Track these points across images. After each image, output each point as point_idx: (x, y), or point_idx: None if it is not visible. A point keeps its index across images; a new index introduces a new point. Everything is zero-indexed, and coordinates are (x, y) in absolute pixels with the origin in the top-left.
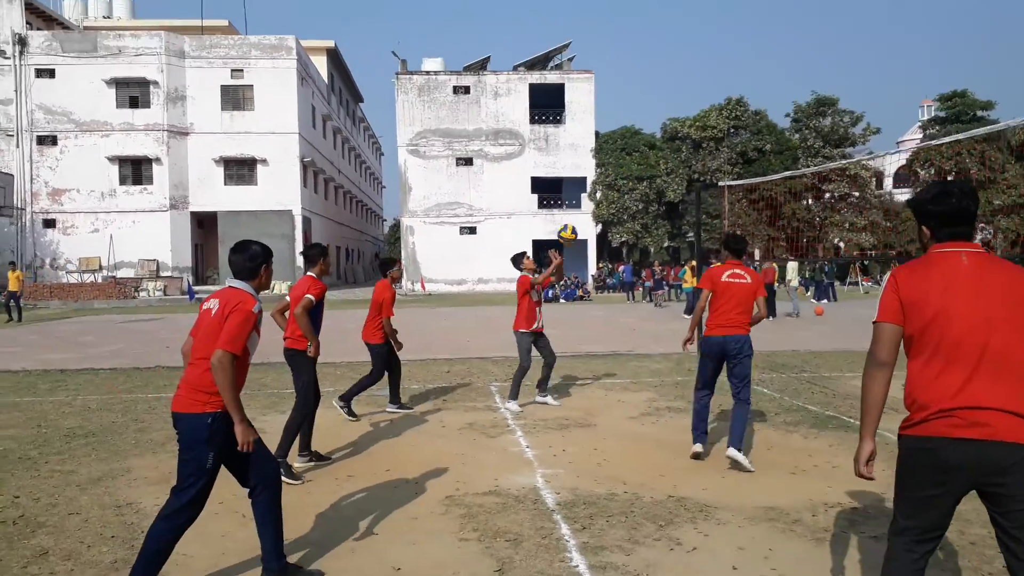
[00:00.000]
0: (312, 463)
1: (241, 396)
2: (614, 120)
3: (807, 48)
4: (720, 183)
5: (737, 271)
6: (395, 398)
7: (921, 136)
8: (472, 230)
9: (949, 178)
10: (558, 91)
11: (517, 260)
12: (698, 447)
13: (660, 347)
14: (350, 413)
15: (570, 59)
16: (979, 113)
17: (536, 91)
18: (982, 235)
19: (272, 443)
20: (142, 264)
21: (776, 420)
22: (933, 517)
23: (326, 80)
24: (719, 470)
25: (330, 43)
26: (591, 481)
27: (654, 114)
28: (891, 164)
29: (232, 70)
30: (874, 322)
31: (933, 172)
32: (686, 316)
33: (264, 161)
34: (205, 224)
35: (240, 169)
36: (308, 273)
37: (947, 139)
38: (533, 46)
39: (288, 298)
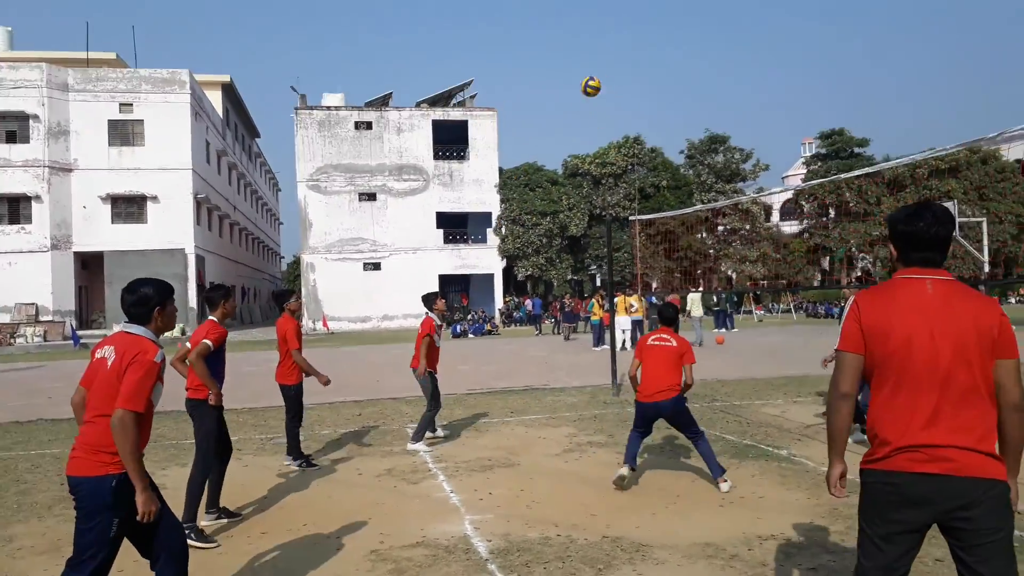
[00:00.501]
0: (222, 520)
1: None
2: (517, 156)
3: (699, 88)
4: (631, 217)
5: (664, 336)
6: (295, 449)
7: (805, 171)
8: (376, 266)
9: (831, 211)
10: (462, 127)
11: (430, 300)
12: (623, 469)
13: (574, 380)
14: (309, 464)
15: (472, 96)
16: (856, 150)
17: (439, 127)
18: (862, 263)
19: (173, 500)
20: (19, 308)
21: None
22: (896, 555)
23: (221, 115)
24: (650, 507)
25: (225, 77)
26: (522, 525)
27: (556, 151)
28: (778, 198)
29: (121, 104)
30: (836, 350)
31: (816, 205)
32: (595, 349)
33: (155, 198)
34: (90, 265)
35: (129, 207)
36: (210, 317)
37: (838, 176)
38: (435, 83)
39: (188, 344)
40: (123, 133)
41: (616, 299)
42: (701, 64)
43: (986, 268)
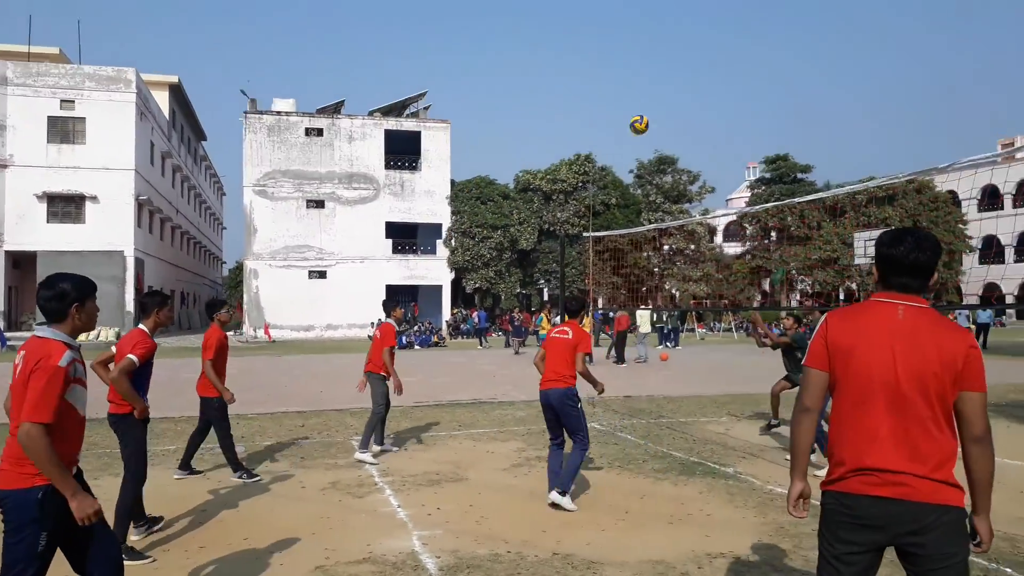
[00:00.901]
0: (150, 531)
1: None
2: (469, 169)
3: (650, 109)
4: (585, 234)
5: (564, 328)
6: (186, 462)
7: (749, 195)
8: (322, 274)
9: (773, 234)
10: (414, 138)
11: (389, 307)
12: (553, 496)
13: (522, 394)
14: (250, 475)
15: (426, 108)
16: (799, 175)
17: (392, 137)
18: (801, 286)
19: (107, 513)
20: None
21: (645, 468)
22: (850, 575)
23: (167, 116)
24: (599, 523)
25: (173, 78)
26: (471, 541)
27: (508, 166)
28: (722, 220)
29: (62, 100)
30: (803, 365)
31: (759, 228)
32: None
33: (94, 198)
34: (22, 264)
35: (67, 206)
36: (140, 326)
37: (792, 200)
38: (389, 93)
39: (114, 349)
40: (63, 130)
41: (542, 315)
42: (654, 86)
43: (926, 299)
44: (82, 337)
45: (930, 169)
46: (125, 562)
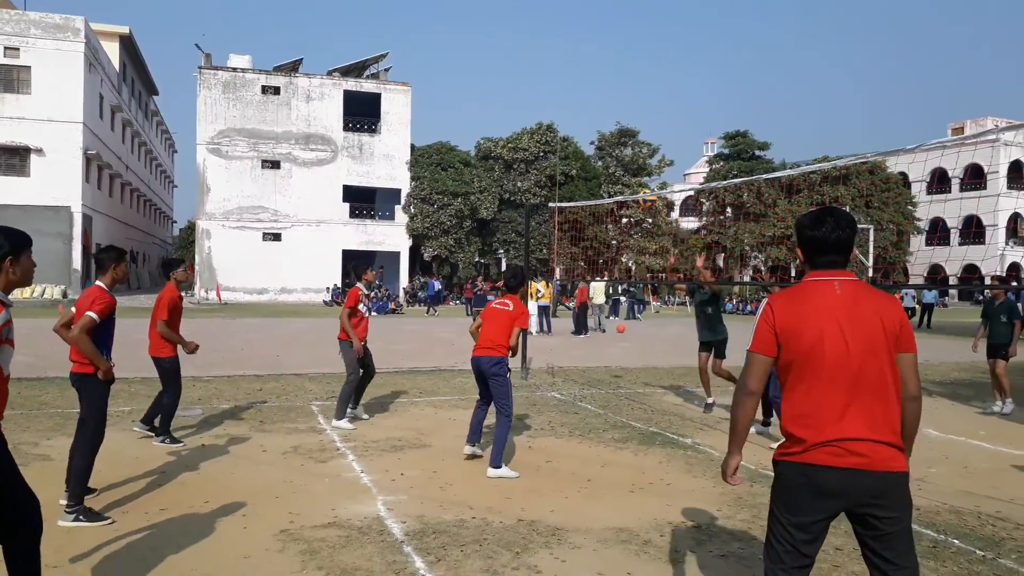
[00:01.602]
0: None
1: (19, 418)
2: (430, 135)
3: (612, 81)
4: (551, 204)
5: (505, 300)
6: (149, 418)
7: (707, 170)
8: (276, 236)
9: (728, 209)
10: (374, 100)
11: (359, 270)
12: (467, 449)
13: None
14: (173, 440)
15: (387, 69)
16: (757, 152)
17: (351, 98)
18: (754, 263)
19: (60, 472)
20: None
21: (605, 437)
22: (806, 540)
23: (118, 68)
24: (562, 490)
25: (124, 29)
26: (436, 507)
27: (469, 132)
28: (679, 194)
29: (6, 48)
30: (748, 351)
31: (715, 203)
32: None
33: (40, 151)
34: None
35: (10, 158)
36: (97, 282)
37: (758, 176)
38: (349, 53)
39: (72, 310)
40: (6, 79)
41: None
42: (615, 58)
43: (870, 273)
44: (26, 294)
45: (888, 152)
46: (83, 524)
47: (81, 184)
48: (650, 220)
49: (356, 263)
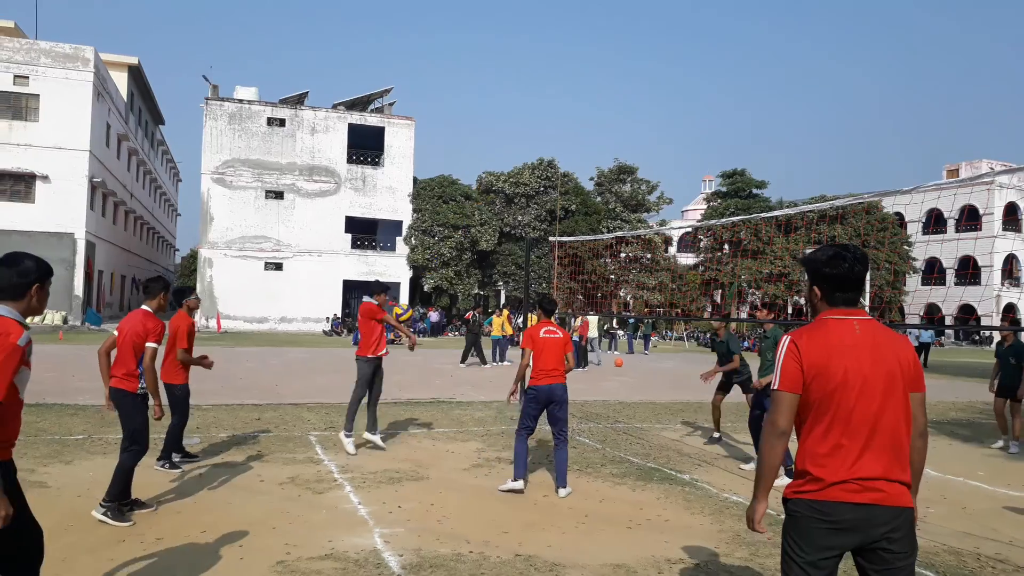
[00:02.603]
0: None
1: (17, 444)
2: (432, 168)
3: (613, 118)
4: (551, 238)
5: (551, 328)
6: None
7: (705, 207)
8: (278, 266)
9: (726, 246)
10: (378, 133)
11: (382, 287)
12: (516, 484)
13: (480, 395)
14: (172, 465)
15: (391, 103)
16: (754, 191)
17: (355, 131)
18: (752, 298)
19: (55, 499)
20: None
21: (603, 472)
22: None
23: (125, 98)
24: (560, 525)
25: (133, 59)
26: (434, 540)
27: (471, 166)
28: (677, 230)
29: (15, 76)
30: (774, 390)
31: (713, 239)
32: (496, 363)
33: (45, 178)
34: None
35: (15, 185)
36: (144, 307)
37: (757, 215)
38: (354, 87)
39: (116, 333)
40: (15, 107)
41: (501, 316)
42: (616, 95)
43: (867, 311)
44: (30, 320)
45: (885, 192)
46: (108, 520)
47: (85, 211)
48: (648, 256)
49: (375, 282)
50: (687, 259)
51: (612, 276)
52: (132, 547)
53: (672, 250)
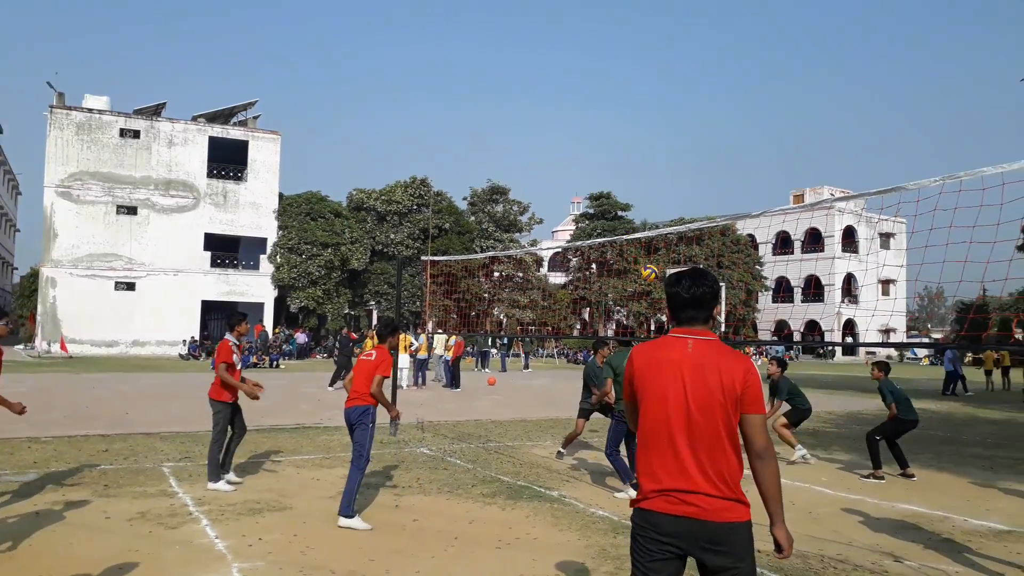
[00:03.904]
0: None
1: None
2: (300, 184)
3: (485, 138)
4: (423, 257)
5: (370, 352)
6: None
7: (574, 227)
8: (130, 286)
9: (594, 265)
10: (241, 147)
11: (234, 321)
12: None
13: None
14: None
15: (256, 117)
16: (620, 213)
17: (217, 145)
18: (617, 316)
19: None
20: None
21: (474, 492)
22: None
23: None
24: (429, 549)
25: None
26: (296, 573)
27: (341, 183)
28: (548, 251)
29: None
30: (622, 398)
31: (582, 259)
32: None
33: None
34: None
35: None
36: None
37: (606, 239)
38: (216, 100)
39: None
40: None
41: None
42: (488, 116)
43: (722, 328)
44: None
45: (737, 215)
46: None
47: None
48: (520, 275)
49: (231, 312)
50: (557, 278)
51: (486, 295)
52: None
53: (543, 270)
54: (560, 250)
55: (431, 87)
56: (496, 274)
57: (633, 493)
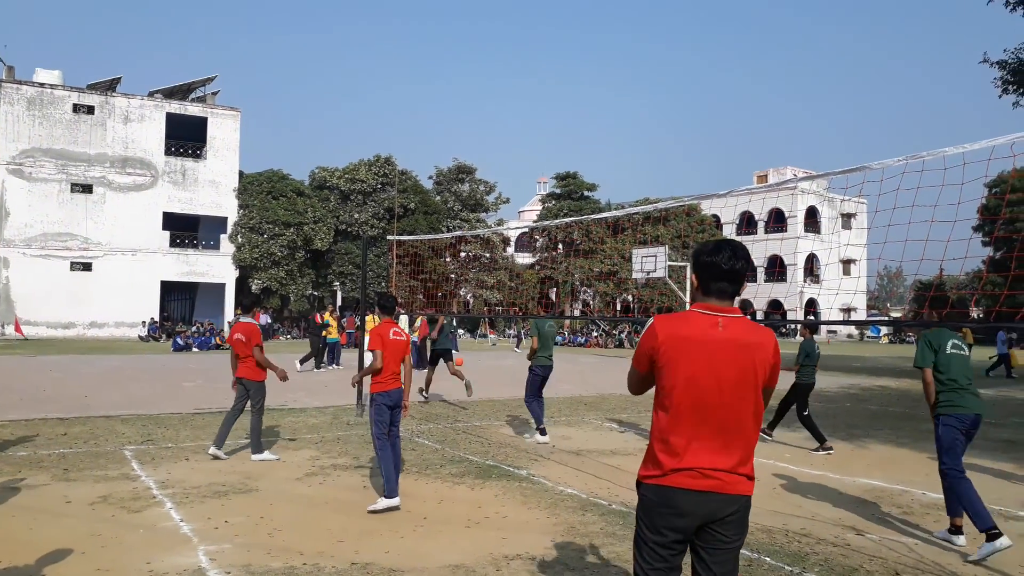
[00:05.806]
0: None
1: None
2: (261, 162)
3: (451, 117)
4: (389, 237)
5: (396, 329)
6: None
7: (540, 208)
8: (87, 266)
9: (560, 246)
10: (200, 124)
11: (256, 302)
12: (396, 501)
13: (315, 400)
14: None
15: (215, 92)
16: (586, 193)
17: (175, 121)
18: (584, 296)
19: None
20: None
21: (443, 472)
22: (669, 556)
23: None
24: (397, 530)
25: None
26: (264, 555)
27: (304, 161)
28: (515, 231)
29: None
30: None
31: (548, 239)
32: (333, 367)
33: None
34: None
35: None
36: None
37: (601, 215)
38: (173, 75)
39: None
40: None
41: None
42: (454, 95)
43: (688, 307)
44: None
45: (702, 196)
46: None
47: None
48: (487, 255)
49: (254, 298)
50: (524, 258)
51: (452, 275)
52: None
53: (510, 250)
54: (527, 230)
55: (392, 64)
56: (463, 254)
57: (541, 438)
